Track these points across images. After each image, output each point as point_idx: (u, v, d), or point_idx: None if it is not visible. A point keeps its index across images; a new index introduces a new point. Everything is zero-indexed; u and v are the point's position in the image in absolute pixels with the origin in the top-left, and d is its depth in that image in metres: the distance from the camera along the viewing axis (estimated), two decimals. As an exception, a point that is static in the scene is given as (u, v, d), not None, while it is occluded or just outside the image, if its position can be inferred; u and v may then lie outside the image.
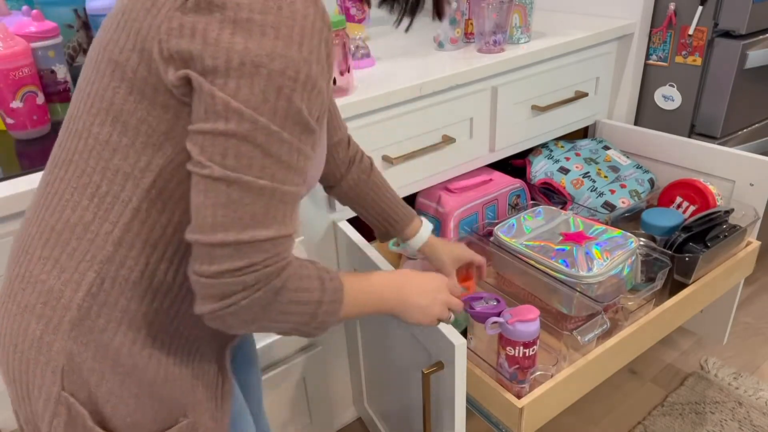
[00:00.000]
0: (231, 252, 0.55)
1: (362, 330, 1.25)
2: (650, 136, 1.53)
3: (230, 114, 0.53)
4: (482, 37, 1.33)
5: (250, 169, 0.54)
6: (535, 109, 1.43)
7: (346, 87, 1.11)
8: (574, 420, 1.51)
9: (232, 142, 0.54)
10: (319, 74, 0.57)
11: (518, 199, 1.49)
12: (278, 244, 0.57)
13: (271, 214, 0.56)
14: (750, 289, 1.94)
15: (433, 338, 0.89)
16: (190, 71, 0.54)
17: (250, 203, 0.55)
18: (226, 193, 0.54)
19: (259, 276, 0.56)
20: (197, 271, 0.56)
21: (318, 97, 0.57)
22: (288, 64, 0.54)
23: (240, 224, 0.55)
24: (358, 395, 1.40)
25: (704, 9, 1.46)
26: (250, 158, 0.54)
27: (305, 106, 0.56)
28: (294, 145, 0.56)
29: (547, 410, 1.00)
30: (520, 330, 0.95)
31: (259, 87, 0.53)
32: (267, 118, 0.54)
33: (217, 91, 0.53)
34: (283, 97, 0.54)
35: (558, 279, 1.13)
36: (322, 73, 0.57)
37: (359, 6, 1.41)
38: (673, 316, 1.19)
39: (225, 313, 0.57)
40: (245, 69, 0.53)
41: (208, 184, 0.54)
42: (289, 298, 0.59)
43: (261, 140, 0.54)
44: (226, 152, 0.54)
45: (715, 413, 1.50)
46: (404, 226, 1.00)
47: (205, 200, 0.55)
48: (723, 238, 1.23)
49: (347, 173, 0.94)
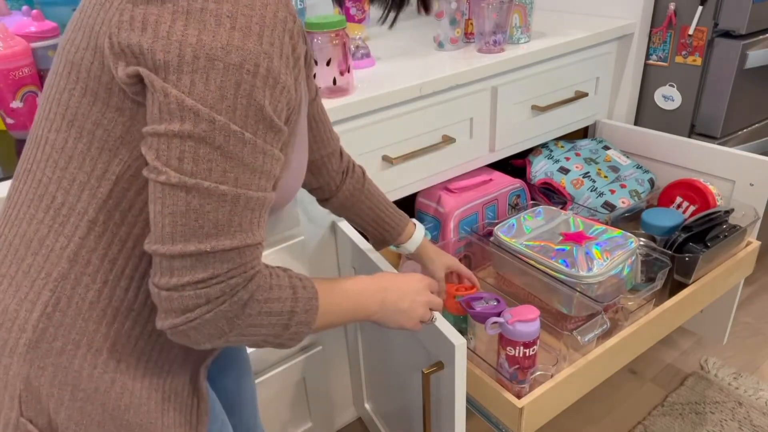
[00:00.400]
0: (192, 263, 0.51)
1: (362, 330, 1.25)
2: (650, 136, 1.53)
3: (185, 113, 0.49)
4: (482, 37, 1.33)
5: (210, 173, 0.50)
6: (535, 109, 1.43)
7: (346, 87, 1.11)
8: (574, 420, 1.51)
9: (188, 145, 0.50)
10: (283, 68, 0.53)
11: (518, 199, 1.49)
12: (244, 254, 0.54)
13: (235, 221, 0.52)
14: (750, 289, 1.94)
15: (433, 338, 0.89)
16: (140, 67, 0.50)
17: (212, 211, 0.51)
18: (184, 201, 0.50)
19: (223, 288, 0.53)
20: (157, 283, 0.53)
21: (283, 94, 0.53)
22: (245, 57, 0.50)
23: (201, 233, 0.51)
24: (358, 395, 1.40)
25: (704, 9, 1.46)
26: (210, 161, 0.50)
27: (268, 102, 0.52)
28: (258, 145, 0.52)
29: (547, 410, 1.00)
30: (521, 330, 0.95)
31: (216, 82, 0.49)
32: (226, 116, 0.50)
33: (171, 88, 0.49)
34: (243, 93, 0.50)
35: (558, 279, 1.13)
36: (286, 68, 0.53)
37: (359, 6, 1.41)
38: (673, 316, 1.19)
39: (188, 328, 0.54)
40: (199, 63, 0.49)
41: (165, 191, 0.50)
42: (258, 309, 0.56)
43: (220, 141, 0.50)
44: (183, 156, 0.50)
45: (715, 413, 1.50)
46: (399, 231, 0.99)
47: (163, 208, 0.51)
48: (723, 238, 1.23)
49: (342, 184, 0.92)
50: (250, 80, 0.50)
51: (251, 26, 0.51)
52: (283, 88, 0.53)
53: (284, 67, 0.53)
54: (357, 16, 1.43)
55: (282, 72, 0.52)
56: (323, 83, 1.09)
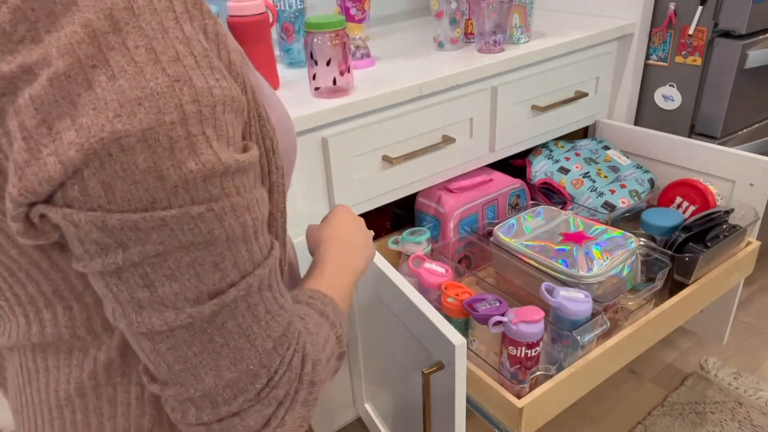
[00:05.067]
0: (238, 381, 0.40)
1: (362, 330, 1.25)
2: (650, 136, 1.53)
3: (118, 236, 0.34)
4: (482, 37, 1.33)
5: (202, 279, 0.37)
6: (535, 109, 1.43)
7: (346, 87, 1.11)
8: (574, 420, 1.51)
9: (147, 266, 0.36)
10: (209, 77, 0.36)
11: (518, 199, 1.49)
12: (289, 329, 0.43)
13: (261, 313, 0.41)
14: (750, 289, 1.94)
15: (433, 338, 0.89)
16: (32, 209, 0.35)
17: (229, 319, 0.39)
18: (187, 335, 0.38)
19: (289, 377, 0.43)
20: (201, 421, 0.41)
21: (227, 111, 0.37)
22: (157, 104, 0.33)
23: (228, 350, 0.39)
24: (358, 395, 1.40)
25: (704, 9, 1.46)
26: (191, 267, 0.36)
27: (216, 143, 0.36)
28: (237, 205, 0.38)
29: (547, 410, 1.00)
30: (524, 331, 0.95)
31: (139, 167, 0.33)
32: (177, 204, 0.35)
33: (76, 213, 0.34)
34: (184, 154, 0.34)
35: (558, 279, 1.13)
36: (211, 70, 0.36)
37: (359, 6, 1.41)
38: (673, 316, 1.19)
39: None
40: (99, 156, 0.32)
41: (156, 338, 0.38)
42: (322, 366, 0.47)
43: (189, 238, 0.36)
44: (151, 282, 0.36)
45: (715, 413, 1.50)
46: None
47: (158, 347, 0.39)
48: (723, 238, 1.23)
49: None
50: (182, 132, 0.34)
51: (134, 57, 0.33)
52: (224, 104, 0.37)
53: (209, 72, 0.36)
54: (357, 16, 1.43)
55: (212, 84, 0.36)
56: (323, 83, 1.09)
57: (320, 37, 1.06)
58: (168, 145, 0.34)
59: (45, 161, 0.32)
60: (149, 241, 0.35)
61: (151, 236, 0.35)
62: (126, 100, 0.33)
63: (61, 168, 0.32)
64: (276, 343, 0.42)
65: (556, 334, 1.05)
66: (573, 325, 1.02)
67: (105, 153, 0.32)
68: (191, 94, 0.34)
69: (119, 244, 0.35)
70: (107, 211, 0.34)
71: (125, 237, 0.34)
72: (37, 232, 0.36)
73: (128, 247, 0.35)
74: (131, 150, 0.33)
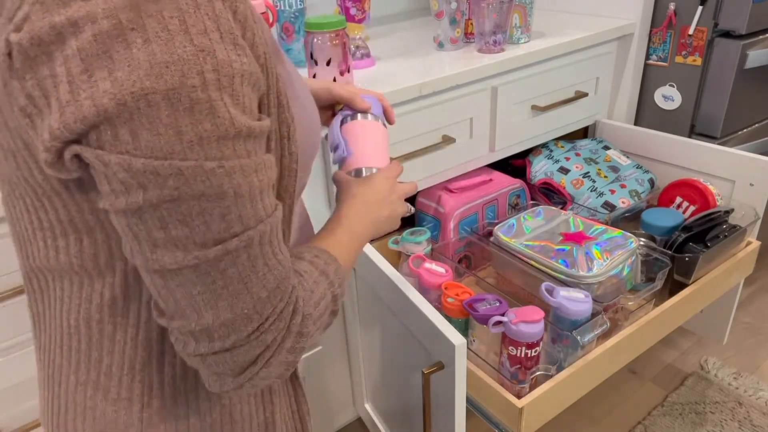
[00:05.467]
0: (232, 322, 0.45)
1: (362, 330, 1.25)
2: (650, 136, 1.53)
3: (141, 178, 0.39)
4: (482, 37, 1.33)
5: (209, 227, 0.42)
6: (535, 109, 1.43)
7: (346, 87, 1.10)
8: (574, 420, 1.51)
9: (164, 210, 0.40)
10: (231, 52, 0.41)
11: (518, 199, 1.49)
12: (284, 283, 0.47)
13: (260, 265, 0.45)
14: (750, 289, 1.94)
15: (433, 338, 0.89)
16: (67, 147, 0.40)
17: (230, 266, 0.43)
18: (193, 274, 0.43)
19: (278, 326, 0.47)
20: (195, 352, 0.46)
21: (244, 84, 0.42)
22: (182, 69, 0.38)
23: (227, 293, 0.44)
24: (358, 395, 1.40)
25: (704, 9, 1.46)
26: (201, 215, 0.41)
27: (233, 109, 0.41)
28: (246, 166, 0.42)
29: (547, 410, 1.00)
30: (524, 331, 0.95)
31: (163, 121, 0.38)
32: (193, 157, 0.39)
33: (107, 154, 0.39)
34: (201, 116, 0.39)
35: (558, 279, 1.13)
36: (234, 47, 0.41)
37: (359, 6, 1.41)
38: (673, 316, 1.19)
39: (256, 381, 0.48)
40: (129, 107, 0.37)
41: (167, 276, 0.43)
42: (312, 321, 0.51)
43: (201, 188, 0.40)
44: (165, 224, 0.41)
45: (715, 413, 1.50)
46: None
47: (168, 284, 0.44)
48: (723, 238, 1.23)
49: None
50: (203, 95, 0.39)
51: (168, 25, 0.38)
52: (242, 76, 0.42)
53: (231, 48, 0.41)
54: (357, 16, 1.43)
55: (232, 59, 0.41)
56: (323, 83, 1.09)
57: (320, 37, 1.06)
58: (188, 105, 0.39)
59: (82, 103, 0.38)
60: (166, 186, 0.39)
61: (168, 182, 0.39)
62: (156, 62, 0.38)
63: (94, 111, 0.37)
64: (270, 293, 0.46)
65: (556, 334, 1.05)
66: (573, 325, 1.02)
67: (134, 105, 0.37)
68: (213, 64, 0.39)
69: (141, 185, 0.39)
70: (133, 155, 0.38)
71: (146, 180, 0.39)
72: (62, 167, 0.41)
73: (148, 189, 0.39)
74: (156, 106, 0.38)
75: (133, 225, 0.41)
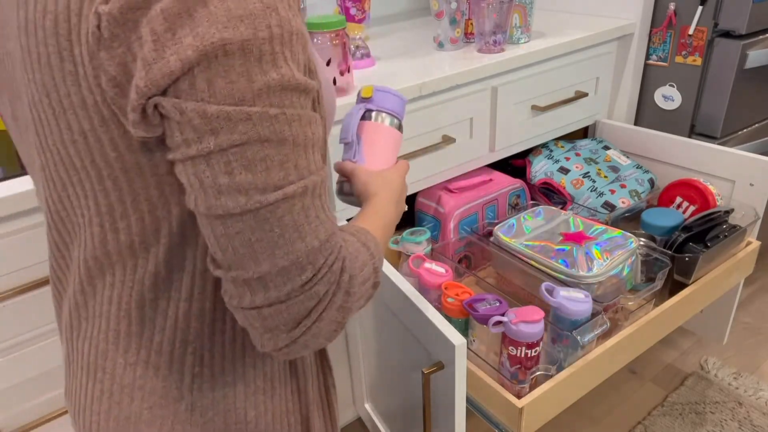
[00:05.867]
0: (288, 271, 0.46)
1: (362, 330, 1.25)
2: (650, 136, 1.53)
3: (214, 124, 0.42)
4: (482, 37, 1.33)
5: (269, 172, 0.44)
6: (535, 109, 1.43)
7: (346, 87, 1.11)
8: (574, 420, 1.51)
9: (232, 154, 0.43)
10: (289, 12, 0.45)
11: (518, 199, 1.49)
12: (333, 237, 0.49)
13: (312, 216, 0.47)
14: (750, 289, 1.94)
15: (433, 338, 0.89)
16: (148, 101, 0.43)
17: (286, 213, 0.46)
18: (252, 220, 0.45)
19: (329, 278, 0.48)
20: (254, 304, 0.47)
21: (299, 42, 0.46)
22: (254, 22, 0.42)
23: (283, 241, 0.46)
24: (358, 395, 1.40)
25: (704, 9, 1.46)
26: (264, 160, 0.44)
27: (292, 64, 0.45)
28: (302, 117, 0.46)
29: (547, 410, 1.00)
30: (524, 331, 0.95)
31: (236, 70, 0.42)
32: (260, 103, 0.43)
33: (184, 103, 0.42)
34: (267, 67, 0.43)
35: (558, 279, 1.13)
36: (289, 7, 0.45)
37: (359, 6, 1.41)
38: (673, 316, 1.19)
39: (308, 338, 0.49)
40: (209, 57, 0.41)
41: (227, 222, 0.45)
42: (358, 282, 0.52)
43: (266, 134, 0.44)
44: (231, 168, 0.44)
45: (715, 413, 1.50)
46: None
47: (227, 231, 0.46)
48: (723, 238, 1.23)
49: None
50: (269, 48, 0.43)
51: None
52: (297, 35, 0.46)
53: (288, 7, 0.45)
54: (357, 16, 1.43)
55: (291, 17, 0.45)
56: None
57: (320, 37, 1.06)
58: (258, 56, 0.42)
59: (168, 59, 0.41)
60: (236, 131, 0.43)
61: (237, 127, 0.42)
62: (231, 16, 0.41)
63: (180, 64, 0.41)
64: (322, 244, 0.48)
65: (556, 334, 1.05)
66: (573, 325, 1.02)
67: (213, 55, 0.41)
68: (278, 20, 0.43)
69: (213, 131, 0.42)
70: (208, 102, 0.42)
71: (218, 125, 0.42)
72: (147, 124, 0.44)
73: (219, 134, 0.42)
74: (232, 55, 0.41)
75: (200, 172, 0.44)
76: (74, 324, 0.57)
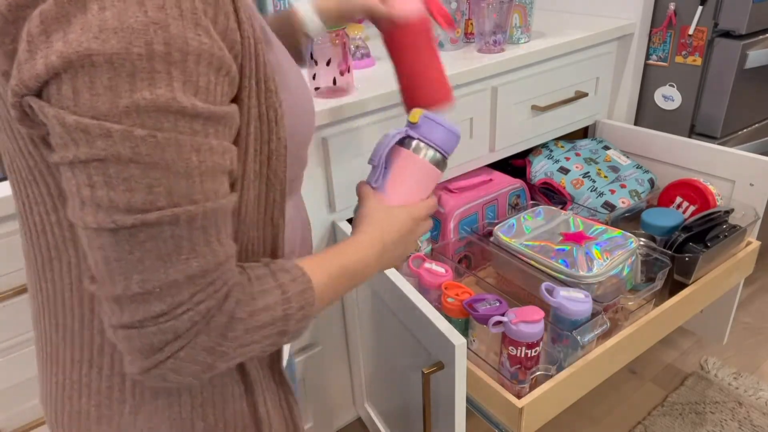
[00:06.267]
0: (144, 298, 0.44)
1: (362, 330, 1.25)
2: (650, 136, 1.53)
3: (74, 134, 0.40)
4: (482, 37, 1.33)
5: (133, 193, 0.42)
6: (535, 109, 1.43)
7: (346, 87, 1.11)
8: (574, 420, 1.51)
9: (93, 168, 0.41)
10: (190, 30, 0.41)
11: (518, 199, 1.49)
12: (208, 275, 0.46)
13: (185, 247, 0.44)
14: (750, 289, 1.94)
15: (433, 338, 0.89)
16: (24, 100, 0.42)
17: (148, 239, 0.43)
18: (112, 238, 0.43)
19: (192, 316, 0.45)
20: (110, 322, 0.46)
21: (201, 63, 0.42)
22: (129, 37, 0.39)
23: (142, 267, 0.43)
24: (358, 395, 1.40)
25: (704, 9, 1.46)
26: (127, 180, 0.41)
27: (180, 86, 0.41)
28: (184, 144, 0.42)
29: (547, 410, 1.00)
30: (524, 331, 0.95)
31: (102, 82, 0.39)
32: (127, 121, 0.40)
33: (48, 107, 0.41)
34: (143, 84, 0.40)
35: (558, 279, 1.13)
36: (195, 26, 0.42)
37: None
38: (673, 316, 1.19)
39: (163, 371, 0.46)
40: (74, 65, 0.39)
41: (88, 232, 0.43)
42: (243, 328, 0.48)
43: (128, 154, 0.41)
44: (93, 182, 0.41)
45: (715, 413, 1.50)
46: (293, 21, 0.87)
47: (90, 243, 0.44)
48: (723, 238, 1.23)
49: None
50: (146, 66, 0.40)
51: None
52: (199, 56, 0.42)
53: (191, 27, 0.41)
54: (357, 16, 1.43)
55: (189, 36, 0.41)
56: (323, 83, 1.09)
57: (320, 37, 1.05)
58: (131, 72, 0.40)
59: (36, 62, 0.40)
60: (94, 145, 0.40)
61: (96, 141, 0.40)
62: (105, 28, 0.39)
63: (44, 69, 0.40)
64: (189, 280, 0.45)
65: (556, 334, 1.05)
66: (573, 325, 1.02)
67: (79, 64, 0.39)
68: (164, 37, 0.40)
69: (74, 141, 0.41)
70: (70, 111, 0.40)
71: (77, 136, 0.40)
72: (31, 121, 0.43)
73: (79, 146, 0.41)
74: (99, 67, 0.39)
75: (67, 179, 0.43)
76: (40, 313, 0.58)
